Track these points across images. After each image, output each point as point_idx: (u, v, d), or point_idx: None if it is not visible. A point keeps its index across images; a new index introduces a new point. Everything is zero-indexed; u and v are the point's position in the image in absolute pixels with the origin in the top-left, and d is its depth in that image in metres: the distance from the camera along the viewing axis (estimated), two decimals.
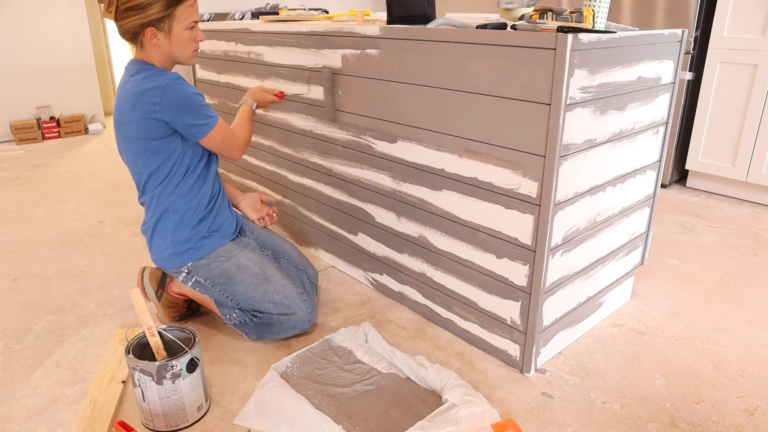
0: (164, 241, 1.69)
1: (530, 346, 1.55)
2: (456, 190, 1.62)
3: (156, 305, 1.82)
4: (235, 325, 1.70)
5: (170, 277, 1.81)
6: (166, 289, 1.80)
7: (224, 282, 1.69)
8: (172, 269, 1.72)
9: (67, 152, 4.11)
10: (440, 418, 1.32)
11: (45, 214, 2.86)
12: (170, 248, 1.69)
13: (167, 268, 1.72)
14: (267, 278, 1.69)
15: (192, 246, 1.70)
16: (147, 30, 1.57)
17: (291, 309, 1.68)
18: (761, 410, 1.46)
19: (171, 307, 1.82)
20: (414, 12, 1.74)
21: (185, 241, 1.69)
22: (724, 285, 2.11)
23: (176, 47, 1.63)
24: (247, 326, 1.70)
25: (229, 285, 1.69)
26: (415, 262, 1.84)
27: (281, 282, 1.70)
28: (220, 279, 1.69)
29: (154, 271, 1.84)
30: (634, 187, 1.74)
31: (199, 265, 1.70)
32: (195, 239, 1.70)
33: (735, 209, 2.88)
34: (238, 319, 1.69)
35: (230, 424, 1.41)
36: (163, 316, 1.83)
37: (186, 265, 1.70)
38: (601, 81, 1.42)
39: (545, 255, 1.44)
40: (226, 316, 1.70)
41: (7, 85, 4.36)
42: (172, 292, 1.80)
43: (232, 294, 1.69)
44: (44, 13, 4.40)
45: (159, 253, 1.71)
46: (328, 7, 4.73)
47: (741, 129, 2.88)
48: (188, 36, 1.62)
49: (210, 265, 1.70)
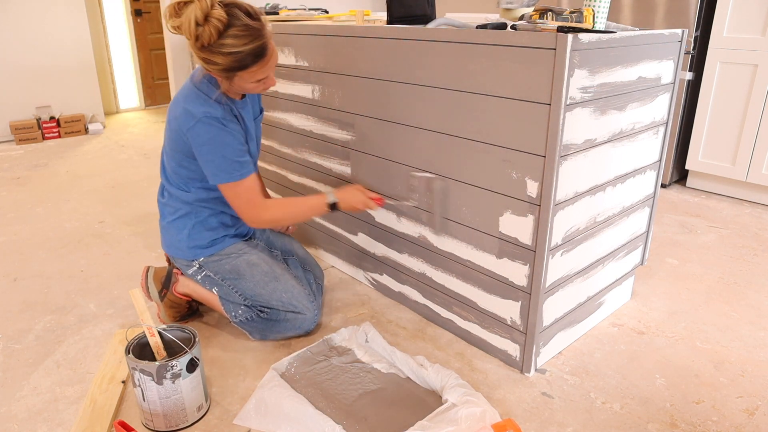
0: (180, 234, 1.70)
1: (530, 346, 1.55)
2: (456, 189, 1.62)
3: (158, 305, 1.83)
4: (240, 323, 1.71)
5: (175, 278, 1.81)
6: (170, 290, 1.81)
7: (234, 277, 1.70)
8: (183, 261, 1.73)
9: (67, 152, 4.11)
10: (440, 418, 1.32)
11: (45, 214, 2.86)
12: (185, 242, 1.70)
13: (178, 258, 1.73)
14: (276, 277, 1.70)
15: (206, 245, 1.71)
16: None
17: (298, 309, 1.69)
18: (761, 410, 1.46)
19: (173, 308, 1.82)
20: (414, 12, 1.74)
21: (201, 239, 1.71)
22: (724, 285, 2.11)
23: (239, 90, 1.57)
24: (252, 323, 1.70)
25: (238, 280, 1.70)
26: (415, 262, 1.84)
27: (290, 282, 1.71)
28: (230, 274, 1.70)
29: (159, 270, 1.84)
30: (634, 187, 1.74)
31: (211, 261, 1.71)
32: (211, 239, 1.71)
33: (735, 209, 2.88)
34: (244, 315, 1.70)
35: (230, 424, 1.41)
36: (165, 316, 1.83)
37: (198, 260, 1.71)
38: (601, 81, 1.42)
39: (545, 255, 1.44)
40: (231, 314, 1.71)
41: (7, 85, 4.36)
42: (177, 292, 1.80)
43: (241, 289, 1.70)
44: (44, 13, 4.40)
45: (172, 244, 1.73)
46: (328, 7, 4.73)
47: (741, 129, 2.88)
48: (252, 86, 1.55)
49: (221, 261, 1.71)
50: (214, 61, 1.45)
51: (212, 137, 1.52)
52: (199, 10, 1.38)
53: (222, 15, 1.39)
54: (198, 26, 1.40)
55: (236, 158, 1.55)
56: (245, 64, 1.46)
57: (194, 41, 1.42)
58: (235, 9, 1.43)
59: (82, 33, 4.61)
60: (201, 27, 1.40)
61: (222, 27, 1.40)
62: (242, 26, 1.42)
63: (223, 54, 1.43)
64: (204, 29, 1.40)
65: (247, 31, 1.43)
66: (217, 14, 1.39)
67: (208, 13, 1.39)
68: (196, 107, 1.52)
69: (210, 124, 1.51)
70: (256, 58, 1.46)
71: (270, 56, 1.50)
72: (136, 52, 5.62)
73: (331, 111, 1.98)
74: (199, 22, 1.39)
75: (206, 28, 1.40)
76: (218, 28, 1.40)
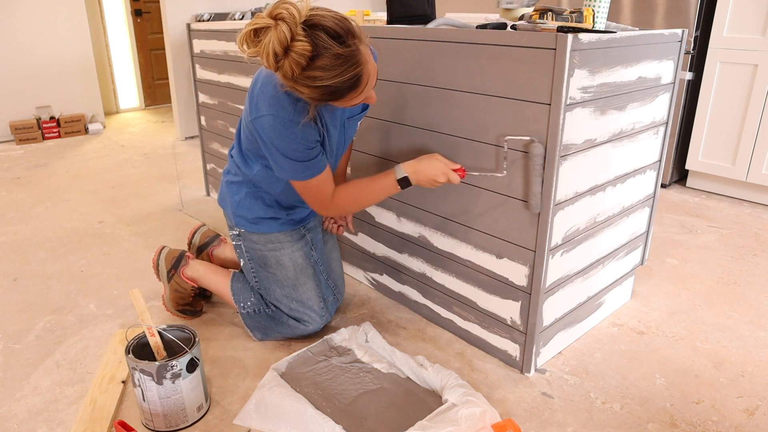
0: (233, 198, 1.65)
1: (530, 346, 1.55)
2: (456, 189, 1.62)
3: (164, 286, 1.84)
4: (245, 315, 1.71)
5: (185, 261, 1.82)
6: (178, 272, 1.81)
7: (260, 265, 1.69)
8: (228, 221, 1.71)
9: (67, 152, 4.11)
10: (440, 418, 1.32)
11: (45, 214, 2.86)
12: (234, 207, 1.65)
13: (226, 213, 1.70)
14: (296, 286, 1.68)
15: (251, 220, 1.65)
16: None
17: (304, 320, 1.69)
18: (761, 410, 1.46)
19: (178, 292, 1.82)
20: (414, 12, 1.74)
21: (249, 212, 1.64)
22: (724, 285, 2.11)
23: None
24: (257, 317, 1.70)
25: (261, 270, 1.69)
26: (415, 262, 1.84)
27: (307, 295, 1.69)
28: (258, 260, 1.69)
29: (172, 251, 1.85)
30: (634, 187, 1.74)
31: (249, 236, 1.67)
32: (258, 216, 1.64)
33: (735, 209, 2.88)
34: (252, 308, 1.70)
35: (230, 424, 1.41)
36: (168, 300, 1.83)
37: (240, 228, 1.68)
38: (601, 81, 1.42)
39: (545, 255, 1.44)
40: (240, 304, 1.71)
41: (7, 85, 4.36)
42: (184, 276, 1.81)
43: (260, 277, 1.70)
44: (44, 13, 4.40)
45: (224, 200, 1.69)
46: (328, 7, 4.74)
47: (741, 129, 2.88)
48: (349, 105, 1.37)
49: (257, 244, 1.67)
50: (302, 92, 1.27)
51: (272, 135, 1.37)
52: (276, 42, 1.17)
53: (305, 47, 1.18)
54: (278, 59, 1.20)
55: (303, 159, 1.41)
56: (339, 95, 1.28)
57: (276, 71, 1.25)
58: (322, 33, 1.19)
59: (82, 33, 4.61)
60: (282, 60, 1.20)
61: (305, 60, 1.20)
62: (331, 56, 1.21)
63: (311, 87, 1.25)
64: (285, 63, 1.20)
65: (338, 61, 1.22)
66: (300, 47, 1.18)
67: (287, 45, 1.18)
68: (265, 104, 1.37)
69: (276, 120, 1.35)
70: (350, 88, 1.28)
71: (367, 79, 1.29)
72: (136, 52, 5.63)
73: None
74: (279, 56, 1.19)
75: (287, 62, 1.20)
76: (301, 63, 1.20)
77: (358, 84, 1.28)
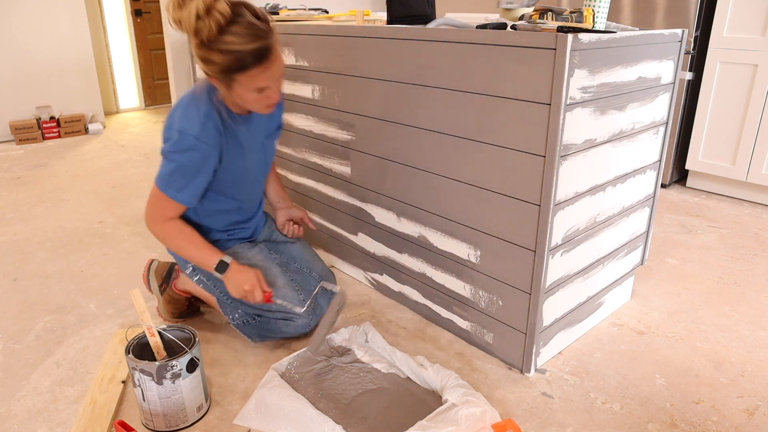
0: None
1: (530, 346, 1.55)
2: (456, 190, 1.62)
3: (158, 298, 1.83)
4: (237, 326, 1.69)
5: (175, 274, 1.81)
6: (170, 285, 1.80)
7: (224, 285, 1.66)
8: (178, 262, 1.72)
9: (67, 152, 4.11)
10: (440, 418, 1.32)
11: (45, 214, 2.86)
12: None
13: (178, 260, 1.71)
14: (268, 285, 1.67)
15: None
16: None
17: (289, 316, 1.65)
18: (761, 410, 1.46)
19: (172, 303, 1.82)
20: (414, 12, 1.74)
21: None
22: (724, 285, 2.11)
23: (239, 101, 1.49)
24: (249, 326, 1.69)
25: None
26: (415, 262, 1.84)
27: (282, 291, 1.65)
28: (220, 281, 1.66)
29: (162, 265, 1.84)
30: (634, 187, 1.74)
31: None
32: None
33: (735, 209, 2.88)
34: (241, 319, 1.68)
35: (230, 424, 1.41)
36: (163, 311, 1.83)
37: (191, 264, 1.69)
38: (601, 81, 1.42)
39: (545, 255, 1.44)
40: (230, 316, 1.70)
41: (7, 85, 4.36)
42: (177, 289, 1.80)
43: (233, 299, 1.66)
44: (44, 13, 4.40)
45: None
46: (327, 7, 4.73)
47: (741, 129, 2.88)
48: (253, 97, 1.45)
49: None
50: (213, 60, 1.37)
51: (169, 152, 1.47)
52: (201, 2, 1.32)
53: (225, 9, 1.33)
54: (199, 19, 1.33)
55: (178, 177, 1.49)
56: (245, 65, 1.37)
57: (194, 36, 1.36)
58: (242, 8, 1.37)
59: (82, 33, 4.61)
60: (202, 20, 1.33)
61: (224, 21, 1.33)
62: (245, 24, 1.35)
63: (222, 51, 1.35)
64: (204, 22, 1.33)
65: (250, 30, 1.35)
66: (221, 7, 1.33)
67: (211, 5, 1.32)
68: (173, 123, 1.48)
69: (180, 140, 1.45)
70: (257, 60, 1.38)
71: (273, 61, 1.41)
72: (136, 52, 5.62)
73: (331, 111, 1.98)
74: (200, 15, 1.32)
75: (207, 21, 1.32)
76: (219, 22, 1.33)
77: (265, 56, 1.39)
